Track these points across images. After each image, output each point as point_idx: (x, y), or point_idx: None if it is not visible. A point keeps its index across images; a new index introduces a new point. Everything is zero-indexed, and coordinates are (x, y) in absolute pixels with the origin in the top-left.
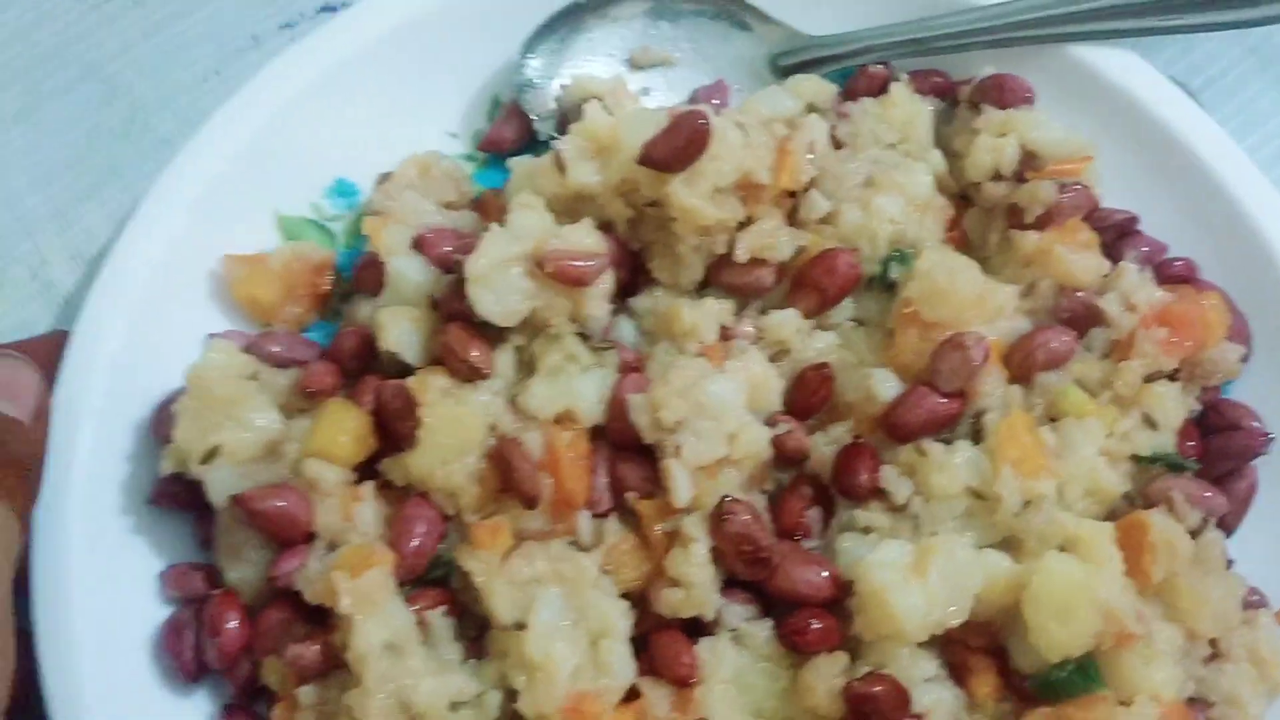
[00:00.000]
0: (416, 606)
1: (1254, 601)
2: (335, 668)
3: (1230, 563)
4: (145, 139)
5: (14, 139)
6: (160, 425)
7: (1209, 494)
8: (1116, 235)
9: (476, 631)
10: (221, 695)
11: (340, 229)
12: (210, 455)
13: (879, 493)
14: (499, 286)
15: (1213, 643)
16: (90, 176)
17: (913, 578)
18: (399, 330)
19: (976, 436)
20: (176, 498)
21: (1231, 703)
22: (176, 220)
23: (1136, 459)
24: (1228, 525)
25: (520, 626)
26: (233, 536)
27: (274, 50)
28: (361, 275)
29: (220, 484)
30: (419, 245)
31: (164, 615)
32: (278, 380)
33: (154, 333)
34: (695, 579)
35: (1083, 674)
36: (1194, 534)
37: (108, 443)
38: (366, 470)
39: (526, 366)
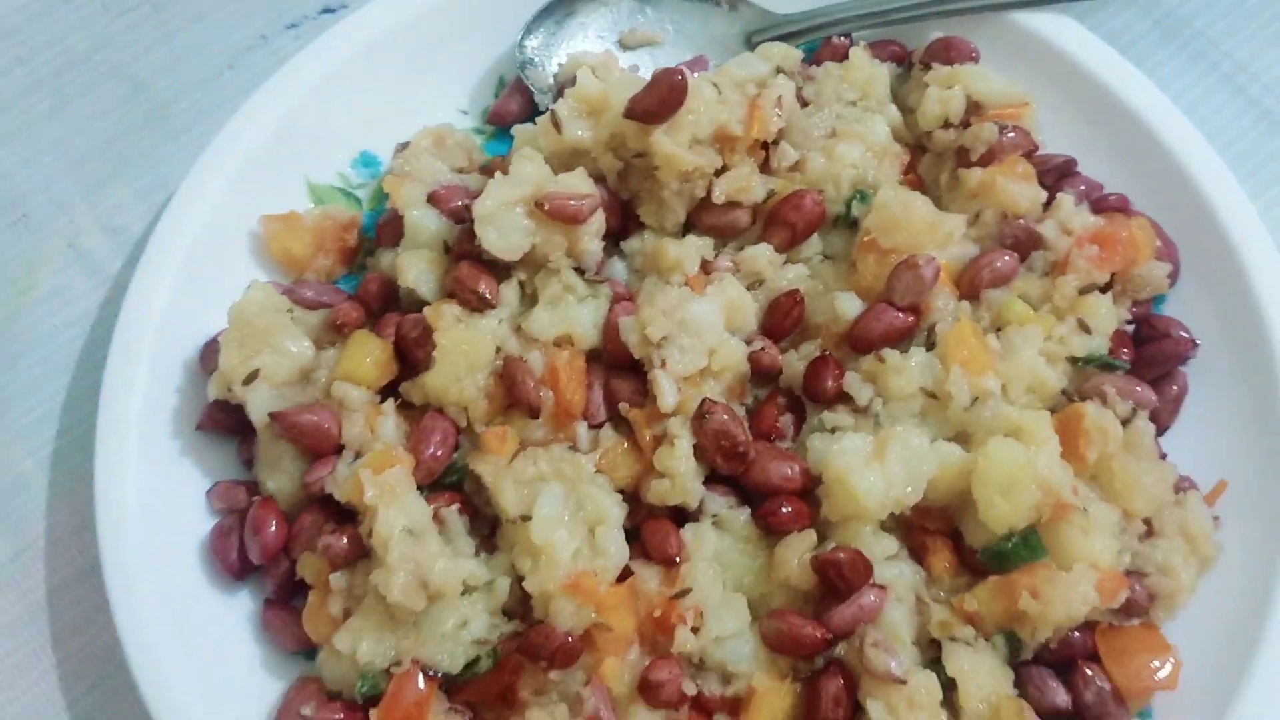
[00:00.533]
0: (434, 505)
1: (1184, 485)
2: (362, 557)
3: (1164, 455)
4: (166, 127)
5: (48, 131)
6: (207, 358)
7: (1138, 388)
8: (1057, 176)
9: (488, 530)
10: (262, 593)
11: (365, 195)
12: (251, 378)
13: (844, 397)
14: (503, 225)
15: (1147, 522)
16: (117, 160)
17: (872, 462)
18: (416, 270)
19: (930, 346)
20: (221, 423)
21: (1165, 572)
22: (218, 188)
23: (1073, 360)
24: (1161, 423)
25: (525, 518)
26: (271, 451)
27: (280, 48)
28: (383, 231)
29: (260, 404)
30: (433, 200)
31: (210, 527)
32: (310, 319)
33: (200, 285)
34: (680, 470)
35: (1026, 545)
36: (1125, 422)
37: (161, 379)
38: (388, 394)
39: (529, 299)
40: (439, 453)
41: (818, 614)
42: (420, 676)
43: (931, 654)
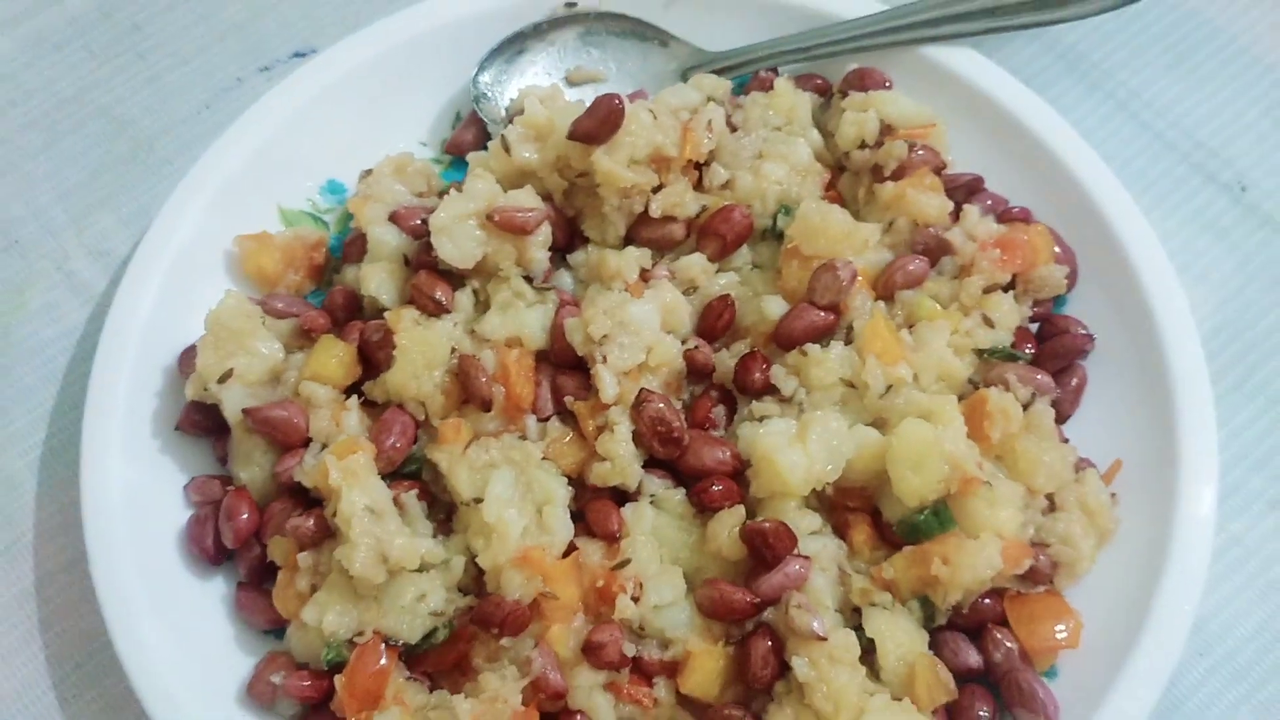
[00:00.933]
0: (395, 492)
1: (1084, 465)
2: (327, 538)
3: (1066, 440)
4: (149, 160)
5: (39, 165)
6: (185, 362)
7: (1038, 376)
8: (966, 193)
9: (444, 516)
10: (236, 578)
11: (331, 219)
12: (225, 377)
13: (771, 389)
14: (457, 236)
15: (1050, 499)
16: (103, 191)
17: (795, 443)
18: (378, 280)
19: (848, 341)
20: (198, 423)
21: (1066, 542)
22: (196, 212)
23: (979, 352)
24: (1063, 411)
25: (478, 500)
26: (244, 445)
27: (254, 88)
28: (349, 249)
29: (234, 401)
30: (394, 219)
31: (187, 518)
32: (280, 327)
33: (179, 299)
34: (619, 452)
35: (937, 517)
36: (1026, 406)
37: (142, 384)
38: (351, 393)
39: (482, 305)
40: (399, 443)
41: (748, 583)
42: (382, 646)
43: (853, 622)
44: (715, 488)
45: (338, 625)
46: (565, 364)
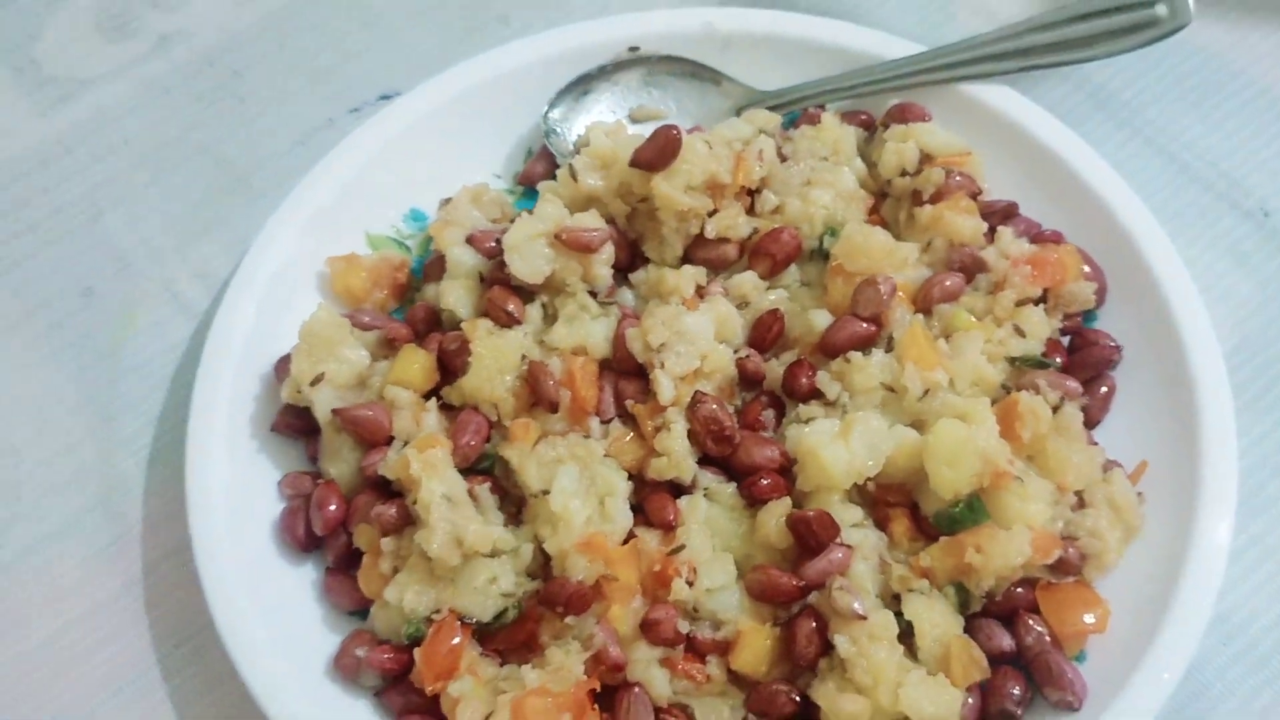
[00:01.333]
0: (469, 485)
1: (1111, 465)
2: (408, 525)
3: (1095, 443)
4: (246, 193)
5: (148, 197)
6: (280, 369)
7: (1067, 381)
8: (1001, 218)
9: (515, 509)
10: (324, 564)
11: (414, 244)
12: (317, 380)
13: (817, 393)
14: (528, 254)
15: (1079, 496)
16: (205, 221)
17: (839, 440)
18: (455, 295)
19: (889, 350)
20: (292, 425)
21: (1094, 535)
22: (290, 238)
23: (1011, 361)
24: (1093, 418)
25: (545, 492)
26: (333, 443)
27: (344, 126)
28: (429, 269)
29: (325, 402)
30: (471, 241)
31: (281, 510)
32: (366, 338)
33: (275, 315)
34: (675, 448)
35: (971, 509)
36: (1055, 409)
37: (241, 390)
38: (430, 398)
39: (551, 318)
40: (474, 441)
41: (794, 569)
42: (457, 624)
43: (893, 608)
44: (764, 481)
45: (417, 603)
46: (626, 371)
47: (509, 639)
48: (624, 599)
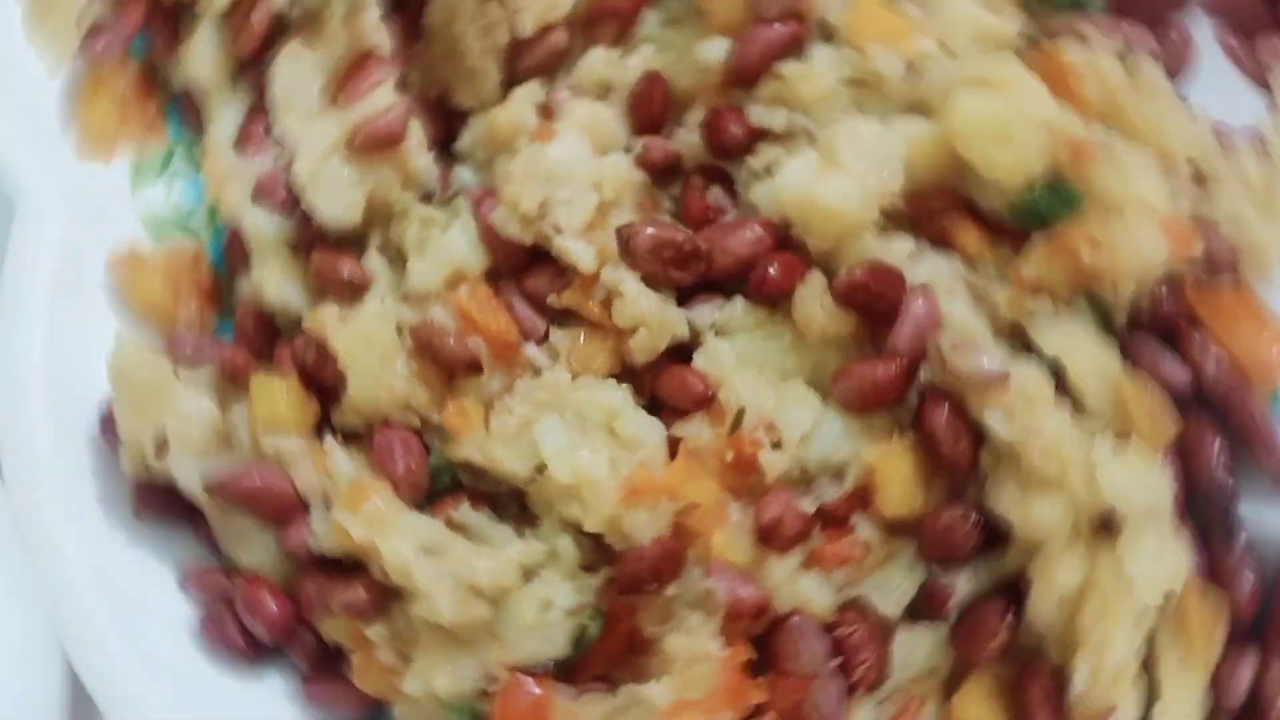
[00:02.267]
0: (441, 517)
1: (1227, 130)
2: (390, 600)
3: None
4: None
5: None
6: (107, 430)
7: (1125, 24)
8: None
9: (516, 508)
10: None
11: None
12: (162, 447)
13: (759, 134)
14: (329, 183)
15: (1195, 172)
16: None
17: (827, 169)
18: (276, 283)
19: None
20: (159, 504)
21: (1236, 220)
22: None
23: (1023, 4)
24: (1170, 70)
25: (541, 469)
26: (229, 526)
27: None
28: (229, 255)
29: (189, 478)
30: (260, 194)
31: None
32: (201, 377)
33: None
34: (642, 308)
35: (1055, 192)
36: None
37: (75, 468)
38: (322, 431)
39: (399, 261)
40: (412, 464)
41: (877, 351)
42: (526, 680)
43: (1021, 351)
44: (770, 270)
45: (456, 683)
46: (521, 265)
47: (605, 656)
48: (718, 520)
